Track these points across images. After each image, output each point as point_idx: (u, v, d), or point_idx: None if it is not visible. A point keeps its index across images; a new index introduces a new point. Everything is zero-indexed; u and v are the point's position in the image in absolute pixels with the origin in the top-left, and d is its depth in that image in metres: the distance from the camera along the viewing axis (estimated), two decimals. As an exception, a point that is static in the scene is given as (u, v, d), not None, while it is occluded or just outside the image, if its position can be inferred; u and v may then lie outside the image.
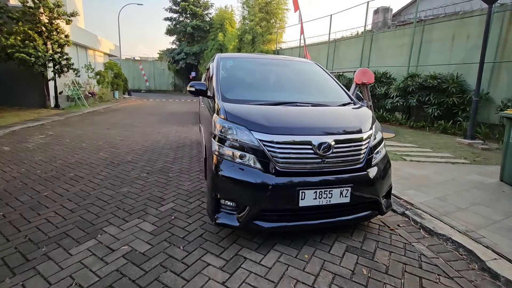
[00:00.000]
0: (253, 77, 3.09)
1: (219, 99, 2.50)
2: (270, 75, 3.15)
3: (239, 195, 2.06)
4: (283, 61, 3.46)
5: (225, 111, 2.26)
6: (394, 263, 2.04)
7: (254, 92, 2.83)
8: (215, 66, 3.09)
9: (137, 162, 4.42)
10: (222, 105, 2.36)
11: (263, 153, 2.02)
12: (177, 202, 2.98)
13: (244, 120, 2.14)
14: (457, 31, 8.99)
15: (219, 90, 2.63)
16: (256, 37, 17.84)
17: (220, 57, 3.28)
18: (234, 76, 2.92)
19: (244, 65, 3.25)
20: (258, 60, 3.44)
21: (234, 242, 2.24)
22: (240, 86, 2.84)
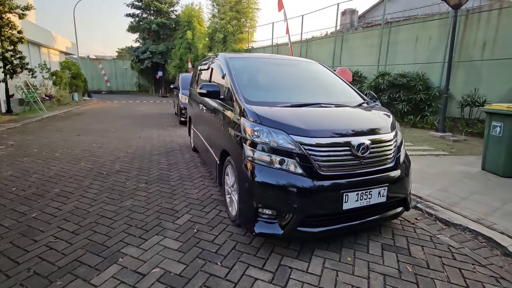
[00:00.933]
0: (266, 78, 2.99)
1: (242, 101, 2.36)
2: (283, 76, 3.07)
3: (281, 202, 1.96)
4: (290, 61, 3.41)
5: (257, 115, 2.13)
6: (431, 257, 2.12)
7: (273, 93, 2.73)
8: (225, 67, 2.93)
9: (128, 171, 4.04)
10: (250, 108, 2.23)
11: (305, 157, 1.94)
12: (193, 213, 2.77)
13: (281, 124, 2.04)
14: (420, 33, 9.77)
15: (239, 92, 2.49)
16: (227, 36, 17.58)
17: (228, 57, 3.12)
18: (248, 77, 2.79)
19: (254, 65, 3.13)
20: (265, 60, 3.34)
21: (271, 251, 2.14)
22: (258, 87, 2.72)
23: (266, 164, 1.99)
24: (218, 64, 3.24)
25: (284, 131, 2.00)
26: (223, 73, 2.92)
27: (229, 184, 2.64)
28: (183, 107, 8.30)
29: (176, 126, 8.50)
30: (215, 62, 3.48)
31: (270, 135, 2.02)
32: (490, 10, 8.11)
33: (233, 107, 2.52)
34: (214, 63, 3.51)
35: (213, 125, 3.10)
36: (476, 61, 8.46)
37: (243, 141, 2.15)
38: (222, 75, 2.95)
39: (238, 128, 2.28)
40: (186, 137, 6.72)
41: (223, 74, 2.92)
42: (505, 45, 7.75)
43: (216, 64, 3.36)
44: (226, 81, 2.80)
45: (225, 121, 2.65)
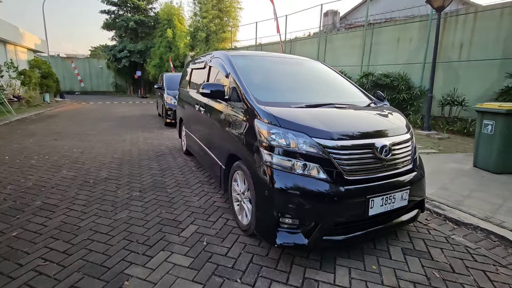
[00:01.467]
0: (272, 77, 2.84)
1: (254, 102, 2.20)
2: (288, 75, 2.94)
3: (305, 210, 1.82)
4: (293, 59, 3.28)
5: (274, 117, 1.98)
6: (453, 260, 2.08)
7: (282, 93, 2.59)
8: (228, 65, 2.75)
9: (118, 179, 3.72)
10: (265, 109, 2.08)
11: (329, 161, 1.82)
12: (198, 223, 2.56)
13: (302, 126, 1.91)
14: (401, 35, 10.09)
15: (248, 92, 2.32)
16: (210, 35, 17.22)
17: (230, 55, 2.93)
18: (254, 76, 2.62)
19: (257, 64, 2.97)
20: (268, 58, 3.19)
21: (292, 262, 2.00)
22: (265, 87, 2.56)
23: (287, 169, 1.85)
24: (218, 62, 3.04)
25: (305, 133, 1.87)
26: (227, 72, 2.74)
27: (238, 191, 2.47)
28: (169, 108, 7.96)
29: (161, 128, 8.12)
30: (213, 61, 3.28)
31: (290, 138, 1.88)
32: (467, 14, 8.52)
33: (241, 108, 2.35)
34: (212, 62, 3.31)
35: (215, 127, 2.90)
36: (454, 62, 8.85)
37: (259, 145, 1.99)
38: (225, 74, 2.76)
39: (251, 131, 2.11)
40: (175, 139, 6.42)
41: (227, 73, 2.73)
42: (481, 47, 8.18)
43: (215, 62, 3.16)
44: (231, 80, 2.62)
45: (232, 124, 2.47)
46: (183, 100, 4.76)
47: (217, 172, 2.93)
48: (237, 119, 2.39)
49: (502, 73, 7.77)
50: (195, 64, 4.35)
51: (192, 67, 4.45)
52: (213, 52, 3.52)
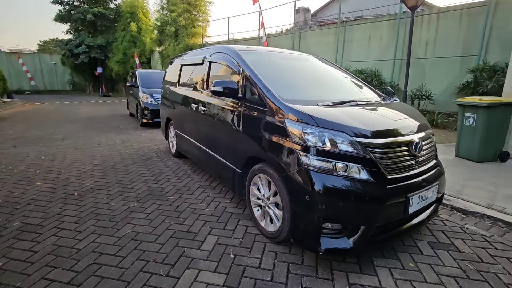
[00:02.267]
0: (286, 74, 2.69)
1: (279, 100, 2.05)
2: (300, 71, 2.82)
3: (350, 213, 1.74)
4: (298, 55, 3.17)
5: (310, 116, 1.85)
6: (477, 250, 2.15)
7: (301, 90, 2.46)
8: (239, 61, 2.55)
9: (107, 189, 3.31)
10: (296, 108, 1.94)
11: (370, 160, 1.75)
12: (216, 233, 2.35)
13: (340, 125, 1.81)
14: (372, 33, 10.55)
15: (270, 90, 2.16)
16: (179, 29, 16.44)
17: (238, 50, 2.73)
18: (268, 73, 2.46)
19: (268, 60, 2.80)
20: (275, 54, 3.03)
21: (331, 268, 1.90)
22: (283, 84, 2.41)
23: (327, 171, 1.74)
24: (225, 58, 2.82)
25: (345, 132, 1.77)
26: (238, 69, 2.54)
27: (259, 196, 2.31)
28: (145, 108, 7.42)
29: (138, 129, 7.54)
30: (216, 56, 3.05)
31: (330, 138, 1.77)
32: (431, 14, 9.15)
33: (262, 107, 2.18)
34: (214, 57, 3.07)
35: (224, 128, 2.68)
36: (421, 59, 9.47)
37: (292, 147, 1.85)
38: (236, 70, 2.55)
39: (279, 131, 1.97)
40: (157, 141, 5.99)
41: (238, 69, 2.53)
42: (444, 45, 8.86)
43: (219, 58, 2.93)
44: (244, 77, 2.43)
45: (250, 124, 2.29)
46: (170, 99, 4.41)
47: (228, 176, 2.73)
48: (257, 119, 2.21)
49: (463, 69, 8.50)
50: (185, 59, 4.03)
51: (181, 63, 4.13)
52: (212, 46, 3.27)
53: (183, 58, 4.11)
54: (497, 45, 7.95)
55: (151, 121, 7.45)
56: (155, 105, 7.37)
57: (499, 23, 7.85)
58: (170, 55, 16.54)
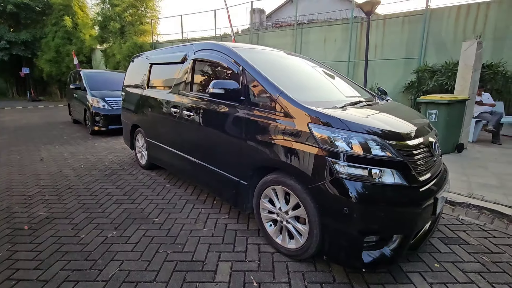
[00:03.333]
0: (286, 73, 2.48)
1: (297, 103, 1.84)
2: (299, 70, 2.64)
3: (389, 222, 1.62)
4: (291, 54, 2.99)
5: (338, 119, 1.68)
6: (481, 240, 2.26)
7: (308, 91, 2.28)
8: (238, 60, 2.27)
9: (69, 216, 2.67)
10: (322, 111, 1.75)
11: (404, 164, 1.66)
12: (226, 257, 2.03)
13: (372, 128, 1.67)
14: (327, 35, 11.08)
15: (282, 91, 1.94)
16: (125, 26, 14.98)
17: (233, 47, 2.43)
18: (272, 72, 2.22)
19: (266, 59, 2.53)
20: (268, 52, 2.79)
21: (366, 282, 1.77)
22: (289, 84, 2.18)
23: (363, 179, 1.59)
24: (216, 56, 2.49)
25: (378, 136, 1.65)
26: (237, 68, 2.24)
27: (272, 210, 2.07)
28: (96, 113, 6.48)
29: (88, 138, 6.54)
30: (202, 54, 2.69)
31: (363, 142, 1.62)
32: (377, 20, 9.97)
33: (273, 111, 1.94)
34: (200, 55, 2.71)
35: (223, 136, 2.35)
36: (371, 61, 10.24)
37: (323, 153, 1.66)
38: (236, 70, 2.25)
39: (304, 137, 1.76)
40: (117, 151, 5.23)
41: (237, 69, 2.24)
42: (390, 48, 9.75)
43: (209, 56, 2.58)
44: (246, 78, 2.16)
45: (260, 130, 2.02)
46: (137, 104, 3.84)
47: (228, 190, 2.42)
48: (267, 125, 1.97)
49: (407, 70, 9.46)
50: (156, 58, 3.54)
51: (150, 62, 3.61)
52: (195, 43, 2.88)
53: (153, 57, 3.60)
54: (433, 49, 9.03)
55: (104, 128, 6.54)
56: (108, 110, 6.48)
57: (434, 30, 8.93)
58: (116, 54, 15.00)
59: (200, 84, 2.73)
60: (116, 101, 6.63)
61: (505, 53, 7.78)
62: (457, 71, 5.11)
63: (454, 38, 8.64)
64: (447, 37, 8.75)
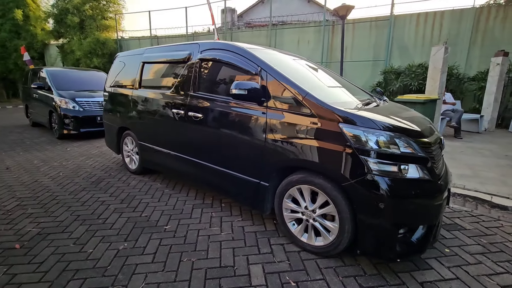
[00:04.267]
0: (300, 74, 2.51)
1: (325, 104, 1.89)
2: (309, 72, 2.68)
3: (418, 214, 1.75)
4: (295, 55, 3.03)
5: (369, 120, 1.77)
6: (475, 225, 2.53)
7: (325, 91, 2.34)
8: (256, 60, 2.25)
9: (65, 230, 2.40)
10: (353, 111, 1.83)
11: (427, 159, 1.80)
12: (256, 260, 2.00)
13: (398, 127, 1.79)
14: (301, 37, 11.41)
15: (308, 92, 1.98)
16: (86, 20, 13.82)
17: (247, 48, 2.39)
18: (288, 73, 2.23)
19: (278, 60, 2.53)
20: (279, 53, 2.79)
21: (394, 272, 1.88)
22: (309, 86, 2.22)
23: (394, 175, 1.70)
24: (228, 56, 2.43)
25: (404, 133, 1.77)
26: (255, 69, 2.22)
27: (297, 209, 2.10)
28: (65, 115, 5.91)
29: (56, 142, 5.93)
30: (209, 53, 2.61)
31: (391, 141, 1.73)
32: (347, 23, 10.51)
33: (300, 111, 1.97)
34: (207, 54, 2.62)
35: (240, 138, 2.30)
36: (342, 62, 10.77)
37: (356, 152, 1.73)
38: (254, 71, 2.22)
39: (335, 137, 1.81)
40: (96, 156, 4.84)
41: (256, 69, 2.22)
42: (359, 50, 10.37)
43: (219, 56, 2.51)
44: (266, 79, 2.15)
45: (285, 130, 2.03)
46: (127, 105, 3.59)
47: (246, 191, 2.38)
48: (292, 125, 1.99)
49: (374, 71, 10.16)
50: (151, 56, 3.34)
51: (143, 61, 3.40)
52: (200, 42, 2.77)
53: (146, 55, 3.39)
54: (398, 53, 9.82)
55: (75, 131, 5.98)
56: (80, 112, 5.95)
57: (397, 35, 9.70)
58: (75, 50, 13.78)
59: (210, 84, 2.64)
60: (88, 101, 6.11)
61: (457, 57, 8.76)
62: (427, 73, 5.63)
63: (415, 42, 9.50)
64: (409, 41, 9.57)
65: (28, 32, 15.64)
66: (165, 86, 3.08)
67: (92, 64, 13.61)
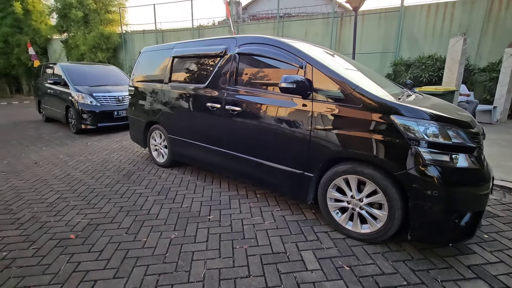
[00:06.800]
0: (342, 68, 2.55)
1: (376, 96, 1.96)
2: (343, 64, 2.72)
3: (470, 201, 1.84)
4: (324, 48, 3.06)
5: (422, 111, 1.84)
6: (502, 212, 2.63)
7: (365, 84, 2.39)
8: (300, 54, 2.30)
9: (113, 221, 2.49)
10: (404, 104, 1.91)
11: (475, 149, 1.87)
12: (305, 247, 2.09)
13: (449, 118, 1.86)
14: (308, 29, 11.35)
15: (358, 85, 2.04)
16: (89, 14, 13.69)
17: (288, 42, 2.44)
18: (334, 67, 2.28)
19: (319, 53, 2.57)
20: (315, 47, 2.83)
21: (440, 256, 1.98)
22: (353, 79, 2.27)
23: (447, 164, 1.77)
24: (269, 51, 2.47)
25: (454, 124, 1.84)
26: (300, 63, 2.27)
27: (343, 198, 2.18)
28: (83, 110, 5.96)
29: (74, 137, 5.99)
30: (248, 48, 2.65)
31: (443, 131, 1.80)
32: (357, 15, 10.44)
33: (350, 104, 2.03)
34: (246, 49, 2.66)
35: (286, 131, 2.36)
36: (350, 54, 10.74)
37: (409, 143, 1.80)
38: (299, 64, 2.27)
39: (386, 128, 1.88)
40: (119, 150, 4.91)
41: (301, 63, 2.27)
42: (368, 42, 10.33)
43: (260, 50, 2.55)
44: (312, 72, 2.21)
45: (333, 123, 2.10)
46: (157, 100, 3.64)
47: (289, 183, 2.46)
48: (342, 118, 2.06)
49: (383, 63, 10.13)
50: (183, 51, 3.37)
51: (173, 55, 3.44)
52: (237, 36, 2.81)
53: (177, 49, 3.42)
54: (407, 44, 9.79)
55: (93, 126, 6.04)
56: (97, 107, 6.00)
57: (407, 26, 9.66)
58: (80, 45, 13.71)
59: (249, 78, 2.69)
60: (105, 96, 6.15)
61: (468, 48, 8.75)
62: (445, 65, 5.66)
63: (425, 34, 9.47)
64: (419, 33, 9.54)
65: (30, 27, 15.51)
66: (198, 81, 3.13)
67: (97, 59, 13.56)
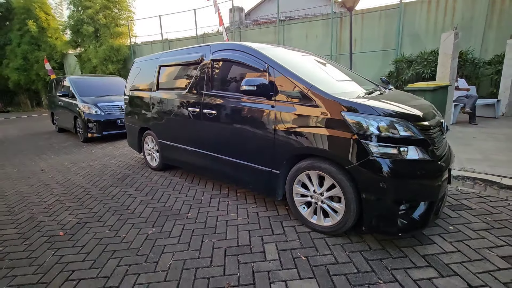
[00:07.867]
0: (307, 69, 2.67)
1: (329, 94, 2.06)
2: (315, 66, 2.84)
3: (419, 192, 1.89)
4: (299, 50, 3.19)
5: (370, 107, 1.93)
6: (480, 205, 2.61)
7: (329, 84, 2.49)
8: (264, 58, 2.44)
9: (100, 220, 2.71)
10: (353, 100, 1.99)
11: (426, 141, 1.92)
12: (270, 240, 2.20)
13: (398, 112, 1.93)
14: (308, 31, 11.43)
15: (312, 85, 2.15)
16: (100, 29, 14.43)
17: (255, 47, 2.59)
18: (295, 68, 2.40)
19: (284, 56, 2.71)
20: (286, 49, 2.96)
21: (397, 247, 2.03)
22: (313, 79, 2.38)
23: (394, 156, 1.85)
24: (238, 56, 2.63)
25: (403, 118, 1.91)
26: (263, 66, 2.41)
27: (307, 193, 2.29)
28: (88, 120, 6.33)
29: (82, 145, 6.38)
30: (221, 54, 2.82)
31: (391, 125, 1.87)
32: (356, 14, 10.43)
33: (306, 103, 2.14)
34: (219, 55, 2.83)
35: (253, 131, 2.49)
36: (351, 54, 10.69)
37: (358, 138, 1.89)
38: (262, 68, 2.41)
39: (338, 124, 1.97)
40: (119, 156, 5.20)
41: (264, 67, 2.41)
42: (368, 41, 10.27)
43: (230, 56, 2.72)
44: (274, 74, 2.34)
45: (293, 121, 2.22)
46: (147, 107, 3.88)
47: (259, 180, 2.59)
48: (300, 116, 2.17)
49: (385, 61, 10.03)
50: (166, 60, 3.59)
51: (159, 65, 3.67)
52: (211, 44, 3.00)
53: (162, 59, 3.65)
54: (408, 41, 9.65)
55: (98, 134, 6.40)
56: (102, 116, 6.36)
57: (408, 23, 9.54)
58: (91, 58, 14.45)
59: (222, 82, 2.85)
60: (109, 106, 6.51)
61: (472, 41, 8.53)
62: (438, 60, 5.60)
63: (427, 29, 9.31)
64: (420, 28, 9.40)
65: (46, 43, 16.51)
66: (180, 87, 3.33)
67: (108, 71, 14.24)
